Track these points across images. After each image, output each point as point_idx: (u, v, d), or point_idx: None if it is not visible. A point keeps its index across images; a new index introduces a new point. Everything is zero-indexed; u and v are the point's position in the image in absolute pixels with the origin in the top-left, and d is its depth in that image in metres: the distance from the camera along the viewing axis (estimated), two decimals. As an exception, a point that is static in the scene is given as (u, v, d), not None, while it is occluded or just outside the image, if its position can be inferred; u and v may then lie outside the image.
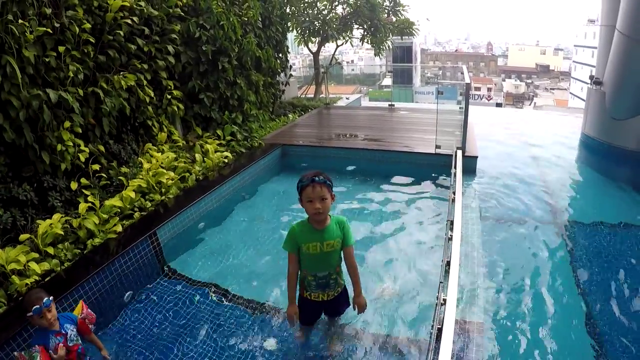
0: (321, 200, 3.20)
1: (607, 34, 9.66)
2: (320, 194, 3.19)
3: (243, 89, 9.62)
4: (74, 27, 5.79)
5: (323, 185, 3.20)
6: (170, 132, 8.11)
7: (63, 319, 3.43)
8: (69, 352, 3.36)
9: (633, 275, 5.24)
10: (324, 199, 3.21)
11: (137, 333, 4.45)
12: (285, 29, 12.66)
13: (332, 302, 3.71)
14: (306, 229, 3.39)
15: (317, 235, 3.35)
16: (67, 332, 3.37)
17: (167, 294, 5.06)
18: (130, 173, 6.61)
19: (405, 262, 5.52)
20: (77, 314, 3.63)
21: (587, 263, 5.56)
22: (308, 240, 3.37)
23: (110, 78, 6.52)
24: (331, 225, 3.38)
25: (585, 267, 5.44)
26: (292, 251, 3.44)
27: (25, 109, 5.18)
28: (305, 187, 3.20)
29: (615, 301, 4.73)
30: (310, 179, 3.18)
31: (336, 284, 3.59)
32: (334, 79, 22.01)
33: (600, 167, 9.15)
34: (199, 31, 8.31)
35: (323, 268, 3.46)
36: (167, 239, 5.79)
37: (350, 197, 7.52)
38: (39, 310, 3.10)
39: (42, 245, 4.85)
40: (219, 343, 4.27)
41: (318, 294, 3.63)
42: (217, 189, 6.99)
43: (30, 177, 5.51)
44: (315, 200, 3.19)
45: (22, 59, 5.14)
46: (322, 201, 3.21)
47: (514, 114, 17.10)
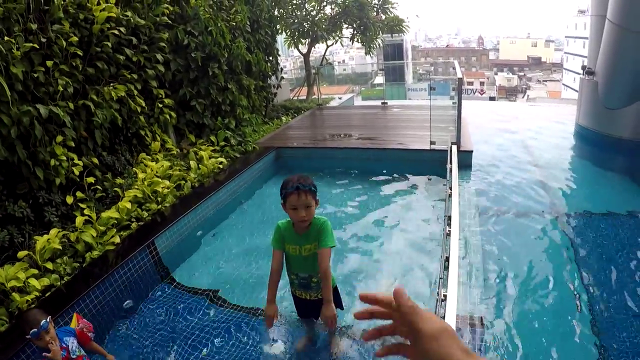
0: (306, 207, 3.14)
1: (598, 23, 9.67)
2: (305, 201, 3.12)
3: (235, 94, 9.61)
4: (61, 41, 5.77)
5: (308, 193, 3.12)
6: (164, 141, 8.09)
7: (61, 333, 3.40)
8: None
9: (631, 264, 5.24)
10: (308, 206, 3.15)
11: (137, 343, 4.44)
12: (274, 31, 12.65)
13: (318, 303, 3.64)
14: (289, 230, 3.36)
15: (297, 238, 3.31)
16: (68, 344, 3.35)
17: (167, 302, 5.05)
18: (125, 184, 6.59)
19: (404, 259, 5.52)
20: (74, 326, 3.62)
21: (586, 253, 5.56)
22: (289, 242, 3.35)
23: (100, 90, 6.50)
24: (312, 229, 3.30)
25: (585, 257, 5.44)
26: (277, 248, 3.39)
27: (16, 126, 5.15)
28: (290, 195, 3.13)
29: (615, 290, 4.73)
30: (294, 187, 3.09)
31: (318, 287, 3.48)
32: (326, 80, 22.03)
33: (595, 157, 9.17)
34: (187, 38, 8.30)
35: (303, 269, 3.40)
36: (166, 248, 5.77)
37: (346, 196, 7.52)
38: (36, 334, 3.08)
39: (40, 261, 4.83)
40: (219, 350, 4.26)
41: (301, 292, 3.60)
42: (213, 195, 6.98)
43: (25, 194, 5.49)
44: (300, 208, 3.13)
45: (10, 76, 5.11)
46: (307, 209, 3.14)
47: (507, 107, 17.13)
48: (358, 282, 5.12)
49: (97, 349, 3.84)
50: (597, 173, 8.48)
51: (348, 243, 5.99)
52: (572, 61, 48.58)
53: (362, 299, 0.78)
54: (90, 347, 3.71)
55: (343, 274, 5.18)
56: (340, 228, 6.28)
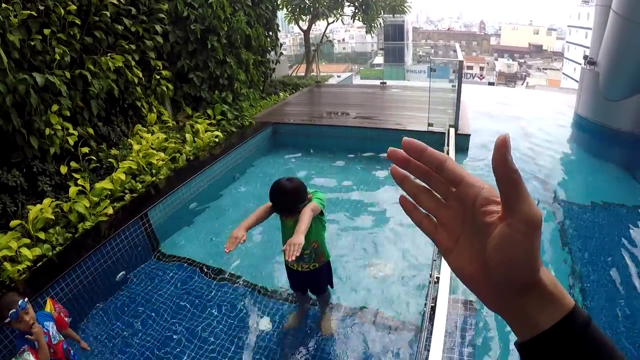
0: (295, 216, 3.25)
1: (602, 14, 9.59)
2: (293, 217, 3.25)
3: (233, 68, 9.53)
4: (59, 9, 5.68)
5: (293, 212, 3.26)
6: (160, 113, 8.04)
7: (41, 317, 3.30)
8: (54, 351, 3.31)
9: (626, 255, 5.27)
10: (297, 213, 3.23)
11: (130, 313, 4.47)
12: (275, 6, 12.51)
13: (310, 275, 3.69)
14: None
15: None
16: (49, 330, 3.29)
17: (160, 274, 5.07)
18: (120, 155, 6.56)
19: (397, 241, 5.54)
20: (49, 311, 3.53)
21: (581, 243, 5.60)
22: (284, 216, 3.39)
23: (98, 60, 6.43)
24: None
25: (579, 248, 5.47)
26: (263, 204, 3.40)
27: (12, 94, 5.09)
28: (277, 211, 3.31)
29: (609, 280, 4.77)
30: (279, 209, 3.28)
31: (311, 259, 3.54)
32: (325, 58, 21.90)
33: (593, 148, 9.17)
34: (187, 10, 8.20)
35: None
36: (159, 220, 5.78)
37: (341, 175, 7.51)
38: (15, 315, 3.00)
39: (33, 231, 4.82)
40: (210, 322, 4.28)
41: (293, 263, 3.63)
42: (208, 169, 6.97)
43: (19, 163, 5.45)
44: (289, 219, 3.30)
45: (7, 43, 5.04)
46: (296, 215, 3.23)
47: (506, 93, 17.09)
48: (349, 262, 5.14)
49: (73, 335, 3.83)
50: (594, 164, 8.49)
51: (340, 222, 6.00)
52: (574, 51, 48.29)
53: (405, 144, 0.57)
54: (66, 333, 3.67)
55: (334, 254, 5.19)
56: (333, 207, 6.28)
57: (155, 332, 4.23)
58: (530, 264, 0.50)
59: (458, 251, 0.59)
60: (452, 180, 0.57)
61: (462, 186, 0.56)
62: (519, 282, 0.51)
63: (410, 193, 0.63)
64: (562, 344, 0.50)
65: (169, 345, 4.08)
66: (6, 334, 3.69)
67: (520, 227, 0.49)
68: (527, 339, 0.53)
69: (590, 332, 0.50)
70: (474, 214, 0.55)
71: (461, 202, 0.57)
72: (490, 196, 0.53)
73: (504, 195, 0.50)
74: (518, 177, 0.50)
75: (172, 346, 4.07)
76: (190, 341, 4.10)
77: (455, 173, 0.56)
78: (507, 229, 0.50)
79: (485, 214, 0.53)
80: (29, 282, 4.26)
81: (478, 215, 0.54)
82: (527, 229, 0.48)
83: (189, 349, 4.03)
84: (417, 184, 0.62)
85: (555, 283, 0.52)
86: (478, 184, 0.55)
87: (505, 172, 0.50)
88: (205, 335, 4.15)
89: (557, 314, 0.50)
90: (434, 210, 0.61)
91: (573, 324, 0.50)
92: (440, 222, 0.61)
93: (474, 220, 0.55)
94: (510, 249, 0.50)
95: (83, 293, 4.51)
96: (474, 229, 0.56)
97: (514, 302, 0.53)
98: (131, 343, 4.13)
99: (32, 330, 3.04)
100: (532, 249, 0.49)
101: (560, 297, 0.51)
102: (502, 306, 0.56)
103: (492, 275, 0.54)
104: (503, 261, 0.51)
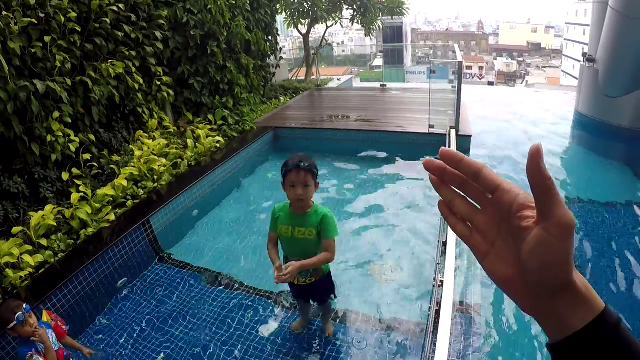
0: (304, 186, 3.11)
1: (600, 10, 9.60)
2: (304, 180, 3.10)
3: (233, 73, 9.54)
4: (60, 17, 5.70)
5: (308, 172, 3.11)
6: (161, 119, 8.05)
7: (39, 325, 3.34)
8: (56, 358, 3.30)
9: (627, 252, 5.26)
10: (306, 185, 3.12)
11: (132, 319, 4.46)
12: (274, 11, 12.56)
13: (310, 288, 3.61)
14: (285, 211, 3.33)
15: (292, 219, 3.27)
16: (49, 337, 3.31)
17: (162, 280, 5.07)
18: (121, 161, 6.56)
19: (401, 244, 5.53)
20: (47, 320, 3.51)
21: (582, 241, 5.58)
22: (283, 223, 3.31)
23: (98, 66, 6.43)
24: (310, 214, 3.26)
25: (580, 245, 5.46)
26: (272, 230, 3.37)
27: (13, 101, 5.11)
28: (290, 172, 3.11)
29: (610, 278, 4.76)
30: (295, 164, 3.08)
31: (308, 273, 3.44)
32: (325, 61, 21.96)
33: (594, 145, 9.17)
34: (186, 16, 8.22)
35: (294, 252, 3.35)
36: (161, 226, 5.77)
37: (343, 178, 7.52)
38: (22, 318, 3.02)
39: (35, 237, 4.82)
40: (213, 327, 4.28)
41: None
42: (209, 174, 6.96)
43: (21, 169, 5.46)
44: (298, 186, 3.11)
45: (8, 51, 5.06)
46: (305, 188, 3.12)
47: (506, 93, 17.08)
48: (351, 265, 5.13)
49: (72, 343, 3.80)
50: (595, 161, 8.50)
51: (343, 225, 5.99)
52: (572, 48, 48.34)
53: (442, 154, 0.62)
54: (65, 341, 3.66)
55: (337, 258, 5.18)
56: (336, 210, 6.28)
57: (157, 338, 4.22)
58: (564, 266, 0.53)
59: (493, 255, 0.62)
60: (488, 187, 0.60)
61: (499, 193, 0.59)
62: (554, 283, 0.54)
63: (447, 199, 0.66)
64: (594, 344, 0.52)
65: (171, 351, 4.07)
66: (8, 341, 3.68)
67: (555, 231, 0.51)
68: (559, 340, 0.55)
69: (621, 332, 0.52)
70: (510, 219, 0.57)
71: (497, 208, 0.60)
72: (526, 202, 0.56)
73: (539, 200, 0.53)
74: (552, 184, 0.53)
75: (175, 352, 4.06)
76: (192, 347, 4.09)
77: (491, 180, 0.60)
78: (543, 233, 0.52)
79: (521, 219, 0.55)
80: (31, 289, 4.25)
81: (514, 221, 0.56)
82: (562, 233, 0.51)
83: (191, 355, 4.02)
84: (453, 190, 0.65)
85: (586, 285, 0.54)
86: (514, 190, 0.57)
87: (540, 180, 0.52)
88: (208, 341, 4.15)
89: (589, 315, 0.53)
90: (469, 215, 0.65)
91: (605, 325, 0.52)
92: (475, 227, 0.64)
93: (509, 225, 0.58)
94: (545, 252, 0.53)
95: (85, 299, 4.50)
96: (510, 234, 0.59)
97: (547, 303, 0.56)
98: (133, 350, 4.12)
99: (37, 333, 3.05)
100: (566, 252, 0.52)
101: (591, 298, 0.54)
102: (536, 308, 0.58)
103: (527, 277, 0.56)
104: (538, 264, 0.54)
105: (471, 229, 0.65)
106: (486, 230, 0.63)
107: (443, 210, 0.67)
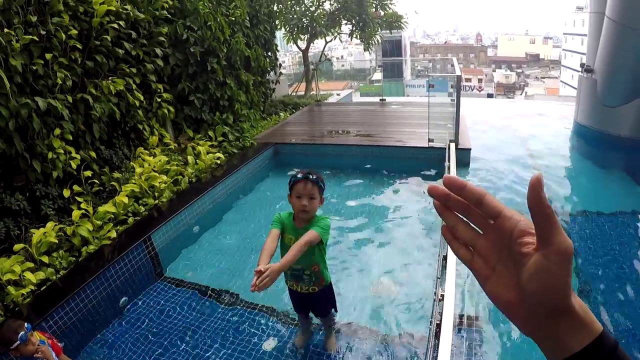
0: (310, 198, 3.17)
1: (597, 21, 9.67)
2: (311, 192, 3.16)
3: (233, 89, 9.59)
4: (61, 34, 5.74)
5: (315, 184, 3.17)
6: (162, 135, 8.07)
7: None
8: None
9: (631, 263, 5.25)
10: (312, 198, 3.18)
11: (134, 337, 4.45)
12: (273, 27, 12.63)
13: (310, 298, 3.62)
14: (289, 220, 3.36)
15: (295, 230, 3.29)
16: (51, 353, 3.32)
17: (163, 297, 5.06)
18: (122, 178, 6.58)
19: (401, 258, 5.53)
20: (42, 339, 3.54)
21: (584, 252, 5.57)
22: (287, 231, 3.34)
23: (99, 83, 6.47)
24: (311, 224, 3.27)
25: (582, 257, 5.45)
26: (275, 227, 3.29)
27: (15, 118, 5.14)
28: (297, 183, 3.18)
29: (614, 289, 4.75)
30: (303, 176, 3.16)
31: (311, 281, 3.47)
32: (324, 76, 22.00)
33: (594, 156, 9.18)
34: (186, 33, 8.27)
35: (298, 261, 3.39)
36: (162, 243, 5.77)
37: (344, 193, 7.53)
38: (25, 337, 3.04)
39: (36, 255, 4.83)
40: (215, 344, 4.27)
41: (292, 284, 3.57)
42: (210, 191, 6.97)
43: (22, 187, 5.48)
44: (304, 197, 3.16)
45: (10, 68, 5.09)
46: (311, 200, 3.17)
47: (505, 105, 17.13)
48: (352, 279, 5.13)
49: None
50: (595, 171, 8.50)
51: (344, 240, 6.00)
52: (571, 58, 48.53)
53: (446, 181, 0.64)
54: (61, 358, 3.66)
55: (337, 270, 5.19)
56: (337, 224, 6.28)
57: (159, 356, 4.21)
58: (562, 291, 0.55)
59: (494, 279, 0.64)
60: (490, 214, 0.62)
61: (500, 219, 0.60)
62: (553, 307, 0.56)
63: (450, 224, 0.68)
64: None
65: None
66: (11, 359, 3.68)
67: (554, 257, 0.53)
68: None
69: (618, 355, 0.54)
70: (510, 245, 0.59)
71: (499, 233, 0.61)
72: (526, 228, 0.57)
73: (539, 228, 0.55)
74: (551, 212, 0.55)
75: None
76: (196, 363, 4.09)
77: (493, 207, 0.61)
78: (542, 259, 0.54)
79: (521, 245, 0.57)
80: (32, 306, 4.25)
81: (515, 246, 0.58)
82: (560, 259, 0.53)
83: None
84: (456, 216, 0.67)
85: (585, 309, 0.56)
86: (515, 217, 0.59)
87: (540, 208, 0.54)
88: (210, 358, 4.13)
89: (587, 338, 0.54)
90: (472, 240, 0.66)
91: (602, 347, 0.54)
92: (477, 251, 0.66)
93: (510, 251, 0.60)
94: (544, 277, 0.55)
95: (87, 317, 4.50)
96: (511, 259, 0.60)
97: (546, 326, 0.57)
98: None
99: (39, 350, 3.06)
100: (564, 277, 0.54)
101: (589, 322, 0.55)
102: (536, 330, 0.60)
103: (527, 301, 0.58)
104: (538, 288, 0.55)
105: (473, 254, 0.66)
106: (488, 255, 0.64)
107: (446, 235, 0.69)
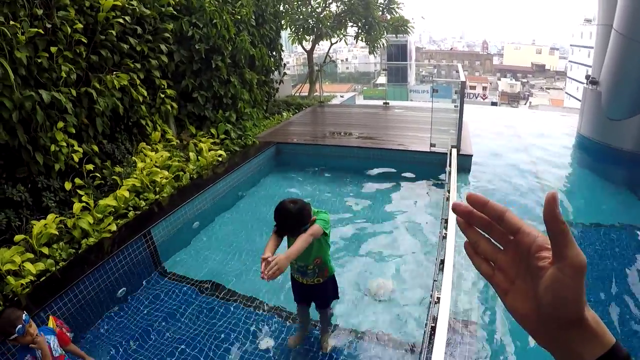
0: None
1: (604, 33, 9.66)
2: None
3: (237, 88, 9.61)
4: (66, 28, 5.77)
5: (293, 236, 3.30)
6: (164, 131, 8.09)
7: (43, 331, 3.33)
8: None
9: (626, 276, 5.26)
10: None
11: (131, 330, 4.47)
12: (279, 27, 12.66)
13: (314, 289, 3.75)
14: None
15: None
16: (50, 342, 3.32)
17: (162, 291, 5.08)
18: (124, 172, 6.60)
19: (399, 261, 5.53)
20: (52, 327, 3.56)
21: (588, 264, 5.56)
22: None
23: (103, 78, 6.50)
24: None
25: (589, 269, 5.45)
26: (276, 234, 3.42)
27: (18, 110, 5.16)
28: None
29: (609, 300, 4.75)
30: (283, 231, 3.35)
31: (314, 274, 3.62)
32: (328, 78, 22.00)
33: (596, 168, 9.16)
34: (192, 30, 8.30)
35: (300, 258, 3.45)
36: (162, 238, 5.79)
37: (344, 194, 7.53)
38: (22, 330, 3.05)
39: (37, 246, 4.85)
40: (213, 339, 4.28)
41: (298, 277, 3.71)
42: (211, 188, 6.99)
43: (24, 178, 5.50)
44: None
45: (14, 61, 5.12)
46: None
47: (509, 113, 17.12)
48: (350, 280, 5.14)
49: (76, 351, 3.81)
50: (596, 184, 8.49)
51: (343, 241, 6.01)
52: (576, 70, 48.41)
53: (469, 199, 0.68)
54: (69, 348, 3.68)
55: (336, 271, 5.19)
56: (336, 226, 6.29)
57: (155, 348, 4.22)
58: (577, 303, 0.57)
59: (514, 292, 0.66)
60: (510, 229, 0.64)
61: (519, 234, 0.63)
62: (567, 318, 0.58)
63: (472, 240, 0.71)
64: None
65: (170, 363, 4.08)
66: (8, 347, 3.69)
67: (568, 270, 0.56)
68: None
69: None
70: (529, 259, 0.61)
71: (518, 248, 0.64)
72: (544, 243, 0.60)
73: (554, 242, 0.57)
74: (566, 228, 0.57)
75: (173, 363, 4.07)
76: (190, 359, 4.10)
77: (514, 223, 0.63)
78: (557, 272, 0.57)
79: (538, 259, 0.60)
80: (31, 297, 4.27)
81: (532, 260, 0.61)
82: (575, 272, 0.56)
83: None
84: (477, 232, 0.70)
85: (598, 321, 0.58)
86: (533, 233, 0.62)
87: (555, 223, 0.57)
88: (205, 353, 4.15)
89: (599, 349, 0.56)
90: (492, 255, 0.69)
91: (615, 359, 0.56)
92: (497, 266, 0.68)
93: (528, 265, 0.62)
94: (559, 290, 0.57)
95: (85, 308, 4.51)
96: (529, 272, 0.62)
97: (561, 337, 0.59)
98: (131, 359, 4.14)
99: (36, 340, 3.07)
100: (578, 290, 0.57)
101: (602, 333, 0.57)
102: (550, 341, 0.62)
103: (542, 312, 0.60)
104: (553, 300, 0.58)
105: (494, 268, 0.69)
106: (507, 269, 0.67)
107: (468, 250, 0.72)
